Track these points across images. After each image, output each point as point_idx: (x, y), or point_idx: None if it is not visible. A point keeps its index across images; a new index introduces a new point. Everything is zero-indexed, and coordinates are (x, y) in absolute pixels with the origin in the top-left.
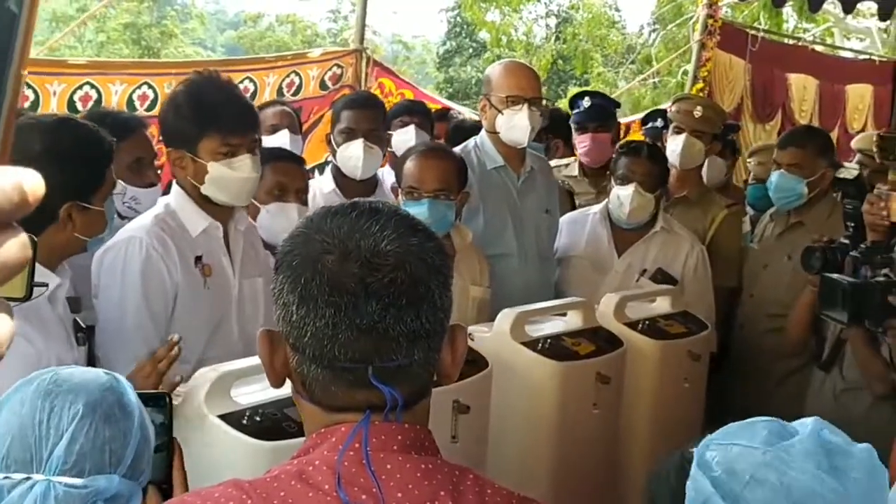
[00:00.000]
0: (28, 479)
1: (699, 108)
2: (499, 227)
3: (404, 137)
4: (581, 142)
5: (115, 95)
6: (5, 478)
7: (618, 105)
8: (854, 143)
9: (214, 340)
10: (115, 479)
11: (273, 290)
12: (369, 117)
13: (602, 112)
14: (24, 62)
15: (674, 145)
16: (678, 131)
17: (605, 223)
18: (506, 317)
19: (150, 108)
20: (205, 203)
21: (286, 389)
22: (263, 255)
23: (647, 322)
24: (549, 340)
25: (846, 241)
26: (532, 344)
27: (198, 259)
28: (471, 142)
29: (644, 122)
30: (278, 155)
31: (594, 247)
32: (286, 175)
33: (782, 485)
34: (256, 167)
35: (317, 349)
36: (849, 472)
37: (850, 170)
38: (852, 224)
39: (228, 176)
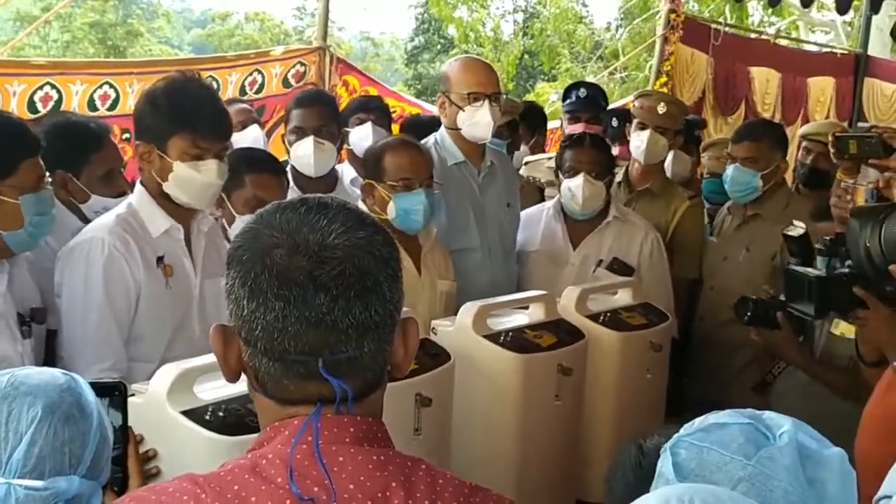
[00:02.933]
0: None
1: (662, 104)
2: (462, 223)
3: (361, 134)
4: (573, 132)
5: (75, 96)
6: None
7: (608, 100)
8: (800, 131)
9: (177, 340)
10: (76, 480)
11: (225, 285)
12: (317, 114)
13: (596, 104)
14: None
15: (637, 141)
16: (642, 127)
17: (560, 217)
18: (468, 310)
19: (111, 108)
20: (166, 203)
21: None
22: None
23: (608, 314)
24: (511, 333)
25: (781, 299)
26: (494, 337)
27: (159, 259)
28: (430, 138)
29: (610, 116)
30: (262, 166)
31: (549, 241)
32: (266, 189)
33: (764, 502)
34: (222, 174)
35: (267, 342)
36: (826, 484)
37: (796, 227)
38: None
39: (192, 178)
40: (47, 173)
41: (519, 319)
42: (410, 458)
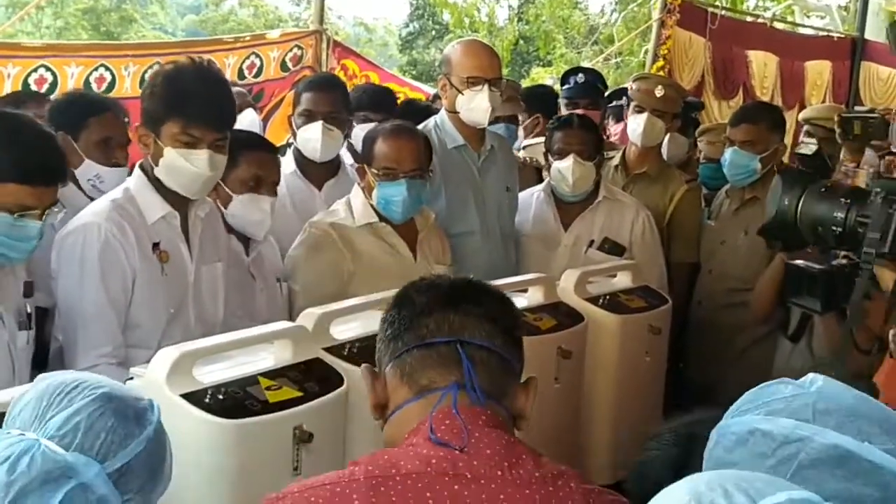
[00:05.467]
0: (22, 435)
1: (660, 87)
2: (461, 206)
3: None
4: None
5: (70, 78)
6: (6, 433)
7: (607, 85)
8: (801, 116)
9: (173, 326)
10: (95, 467)
11: None
12: (329, 100)
13: (594, 89)
14: None
15: (635, 124)
16: (639, 110)
17: (550, 200)
18: None
19: (107, 91)
20: (163, 189)
21: (246, 367)
22: (224, 240)
23: (607, 297)
24: None
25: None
26: None
27: (155, 246)
28: (430, 121)
29: (609, 100)
30: (255, 144)
31: (541, 225)
32: (262, 167)
33: None
34: (213, 166)
35: None
36: None
37: (808, 144)
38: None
39: (181, 166)
40: (54, 208)
41: (517, 302)
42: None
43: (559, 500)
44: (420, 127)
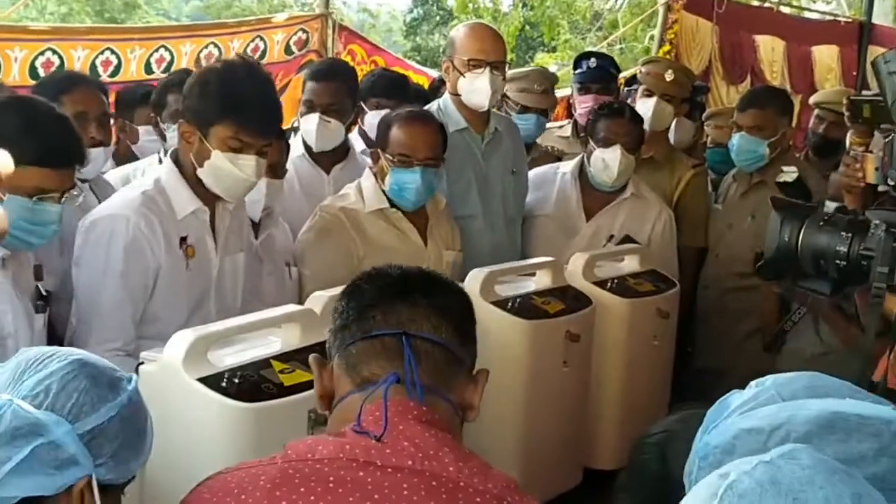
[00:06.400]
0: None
1: (670, 71)
2: (463, 189)
3: (376, 121)
4: (583, 102)
5: (77, 61)
6: None
7: (619, 70)
8: (812, 99)
9: (193, 319)
10: (65, 426)
11: None
12: (330, 90)
13: (606, 74)
14: None
15: (644, 108)
16: (648, 94)
17: (576, 184)
18: (475, 277)
19: (113, 74)
20: (197, 185)
21: (256, 351)
22: (247, 229)
23: (615, 281)
24: (518, 300)
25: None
26: (502, 303)
27: (182, 240)
28: (434, 104)
29: (628, 84)
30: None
31: (563, 208)
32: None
33: None
34: (259, 172)
35: None
36: None
37: (788, 173)
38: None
39: (228, 170)
40: (73, 191)
41: (526, 286)
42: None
43: (466, 498)
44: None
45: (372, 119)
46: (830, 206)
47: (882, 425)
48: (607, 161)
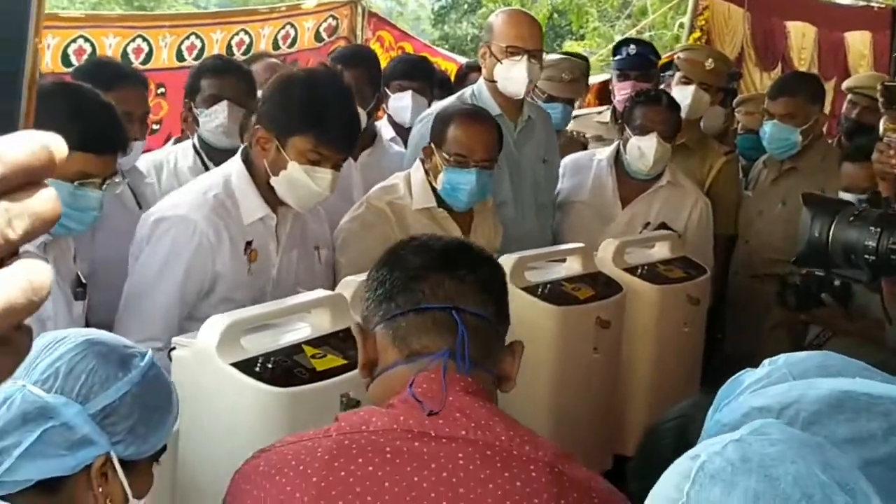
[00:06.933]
0: (13, 383)
1: (711, 60)
2: (496, 177)
3: (400, 103)
4: (622, 89)
5: (109, 49)
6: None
7: (659, 56)
8: (845, 84)
9: None
10: (75, 407)
11: None
12: (351, 76)
13: (646, 61)
14: (40, 30)
15: (682, 96)
16: (686, 82)
17: (612, 171)
18: (506, 262)
19: (144, 62)
20: (267, 191)
21: (293, 335)
22: (304, 230)
23: (645, 267)
24: (548, 286)
25: (821, 273)
26: (532, 289)
27: (248, 245)
28: (467, 90)
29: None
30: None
31: (598, 195)
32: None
33: None
34: (333, 186)
35: None
36: None
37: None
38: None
39: (303, 182)
40: (115, 179)
41: (556, 272)
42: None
43: (521, 466)
44: (456, 96)
45: (395, 102)
46: (844, 196)
47: (892, 405)
48: (643, 149)
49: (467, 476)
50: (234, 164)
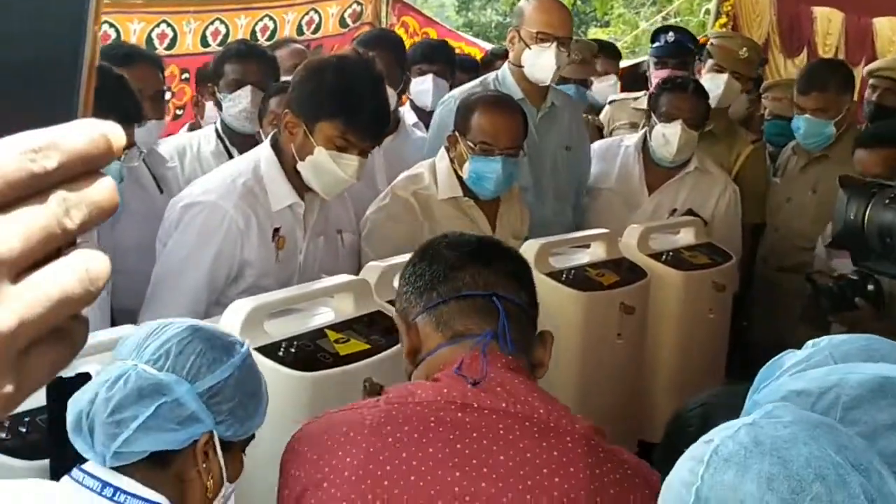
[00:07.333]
0: (123, 362)
1: (745, 49)
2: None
3: (422, 87)
4: (659, 77)
5: (133, 34)
6: (112, 363)
7: (697, 44)
8: (866, 69)
9: None
10: (185, 385)
11: None
12: (382, 59)
13: (683, 49)
14: (99, 16)
15: (713, 84)
16: (719, 70)
17: (639, 157)
18: (530, 248)
19: (169, 47)
20: (295, 176)
21: (317, 320)
22: (328, 215)
23: (670, 253)
24: (572, 271)
25: (854, 277)
26: (556, 275)
27: (275, 231)
28: (490, 75)
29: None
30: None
31: (625, 182)
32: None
33: None
34: (360, 173)
35: None
36: None
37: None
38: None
39: (329, 168)
40: (132, 150)
41: (580, 258)
42: None
43: (558, 437)
44: (479, 80)
45: (416, 86)
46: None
47: None
48: (667, 136)
49: (506, 445)
50: (263, 151)
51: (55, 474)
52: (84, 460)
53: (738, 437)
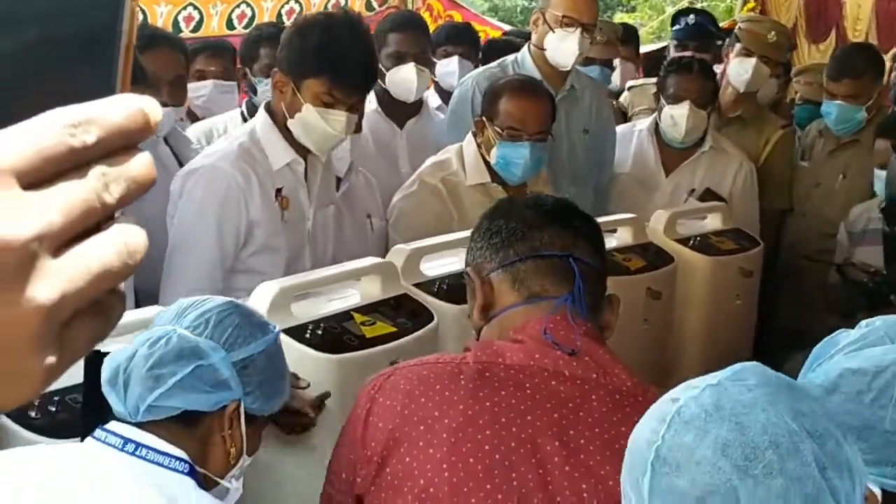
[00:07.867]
0: (164, 327)
1: (773, 33)
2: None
3: (448, 69)
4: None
5: (160, 17)
6: (153, 327)
7: (719, 27)
8: (890, 53)
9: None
10: (221, 353)
11: None
12: (416, 40)
13: (705, 31)
14: None
15: (741, 69)
16: (747, 54)
17: (653, 140)
18: None
19: (195, 30)
20: (290, 136)
21: (343, 302)
22: (327, 184)
23: (697, 238)
24: None
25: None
26: None
27: (278, 192)
28: (509, 57)
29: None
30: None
31: (641, 165)
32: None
33: None
34: (349, 128)
35: None
36: None
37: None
38: None
39: (317, 124)
40: None
41: (607, 242)
42: None
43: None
44: (497, 63)
45: (442, 68)
46: (879, 173)
47: None
48: (676, 117)
49: (601, 417)
50: (259, 115)
51: None
52: None
53: (702, 398)
